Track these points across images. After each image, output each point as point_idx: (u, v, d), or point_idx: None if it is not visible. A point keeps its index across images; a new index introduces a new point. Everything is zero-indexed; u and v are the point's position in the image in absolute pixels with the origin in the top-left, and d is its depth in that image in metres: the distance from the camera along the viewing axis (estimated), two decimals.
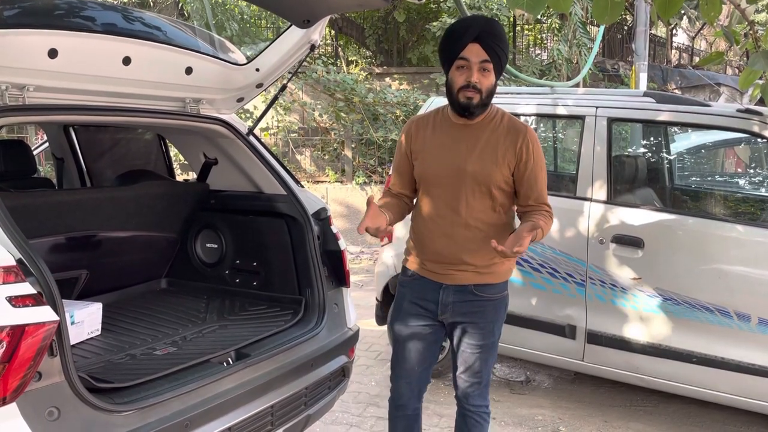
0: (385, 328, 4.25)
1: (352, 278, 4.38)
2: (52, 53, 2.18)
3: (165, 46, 2.52)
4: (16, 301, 1.65)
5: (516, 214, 2.40)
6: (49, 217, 2.73)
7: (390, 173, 2.61)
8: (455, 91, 2.20)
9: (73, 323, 2.53)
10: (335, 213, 8.82)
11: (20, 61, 2.12)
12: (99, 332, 2.67)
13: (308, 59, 6.29)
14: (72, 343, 2.37)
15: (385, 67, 11.93)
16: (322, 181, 9.41)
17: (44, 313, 1.69)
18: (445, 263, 2.30)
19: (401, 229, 4.02)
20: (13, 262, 1.71)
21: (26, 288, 1.70)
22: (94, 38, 2.30)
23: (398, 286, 2.49)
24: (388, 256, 4.09)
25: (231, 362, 2.37)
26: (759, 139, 3.38)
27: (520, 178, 2.27)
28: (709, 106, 3.52)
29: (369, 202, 2.17)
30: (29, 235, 1.95)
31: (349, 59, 12.67)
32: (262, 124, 9.96)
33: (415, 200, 2.46)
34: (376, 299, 4.21)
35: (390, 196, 2.45)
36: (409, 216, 2.49)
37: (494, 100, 2.29)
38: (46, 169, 7.83)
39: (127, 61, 2.42)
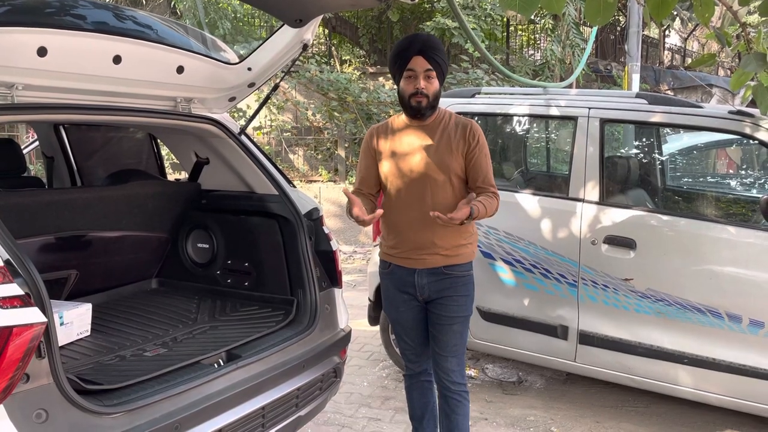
0: (377, 328, 4.25)
1: (345, 278, 4.36)
2: (42, 51, 2.16)
3: (156, 45, 2.50)
4: (3, 302, 1.64)
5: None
6: (39, 216, 2.70)
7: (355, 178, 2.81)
8: (407, 97, 2.55)
9: (62, 324, 2.51)
10: (328, 212, 8.81)
11: (9, 59, 2.11)
12: (88, 333, 2.66)
13: (301, 58, 6.28)
14: (61, 344, 2.36)
15: (378, 66, 11.92)
16: (315, 181, 9.40)
17: (32, 315, 1.68)
18: (418, 248, 2.59)
19: None
20: (0, 263, 1.70)
21: (14, 289, 1.68)
22: (84, 37, 2.28)
23: (380, 278, 2.79)
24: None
25: (222, 363, 2.36)
26: (751, 141, 3.39)
27: (470, 163, 2.60)
28: (701, 107, 3.53)
29: (347, 194, 2.45)
30: (18, 234, 1.94)
31: (343, 58, 12.66)
32: (255, 123, 9.94)
33: (379, 198, 2.75)
34: (369, 299, 4.20)
35: (359, 195, 2.69)
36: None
37: (489, 100, 2.41)
38: (37, 168, 7.78)
39: (117, 59, 2.40)
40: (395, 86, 2.75)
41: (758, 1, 3.28)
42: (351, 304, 3.51)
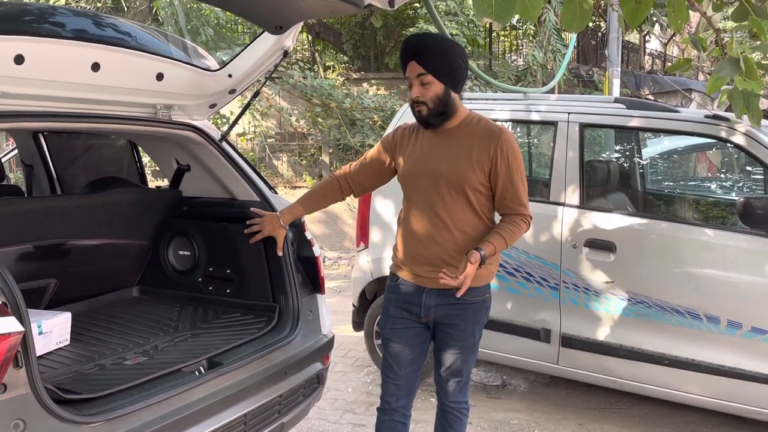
0: (362, 334, 4.24)
1: (330, 284, 4.36)
2: (19, 59, 2.15)
3: (135, 52, 2.49)
4: None
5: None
6: (17, 225, 2.68)
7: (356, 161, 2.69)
8: (411, 107, 2.37)
9: (41, 333, 2.48)
10: (313, 218, 8.80)
11: None
12: (68, 342, 2.63)
13: (285, 64, 6.29)
14: (40, 354, 2.34)
15: (362, 72, 11.94)
16: (299, 187, 9.39)
17: (9, 324, 1.66)
18: (428, 265, 2.35)
19: (377, 234, 4.02)
20: None
21: None
22: (62, 44, 2.26)
23: (386, 291, 2.57)
24: (364, 262, 4.08)
25: (203, 371, 2.34)
26: (727, 144, 3.44)
27: (495, 181, 2.34)
28: (677, 111, 3.58)
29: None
30: None
31: (327, 64, 12.67)
32: (239, 129, 9.91)
33: (359, 193, 2.66)
34: (353, 305, 4.20)
35: (333, 178, 2.61)
36: (395, 221, 2.58)
37: (469, 106, 2.40)
38: (16, 176, 7.70)
39: (96, 67, 2.39)
40: (378, 92, 2.68)
41: (732, 8, 3.34)
42: (336, 310, 3.52)
